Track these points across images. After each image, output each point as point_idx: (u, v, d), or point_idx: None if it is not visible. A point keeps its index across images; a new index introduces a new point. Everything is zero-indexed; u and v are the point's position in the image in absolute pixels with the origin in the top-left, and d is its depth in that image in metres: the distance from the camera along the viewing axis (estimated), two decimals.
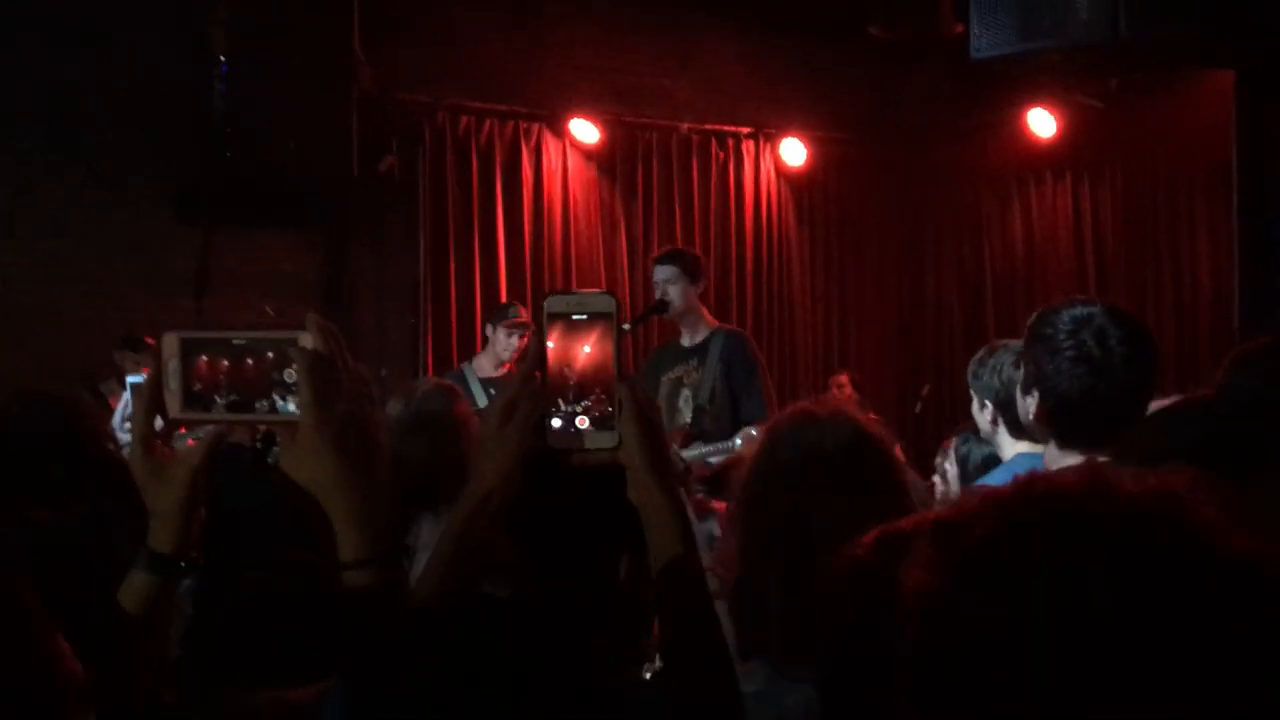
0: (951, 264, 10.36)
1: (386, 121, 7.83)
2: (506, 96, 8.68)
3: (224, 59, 6.57)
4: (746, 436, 5.20)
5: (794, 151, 9.58)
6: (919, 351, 10.25)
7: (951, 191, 10.17)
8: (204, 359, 1.38)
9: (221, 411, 1.38)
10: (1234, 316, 7.03)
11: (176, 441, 1.41)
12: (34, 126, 7.26)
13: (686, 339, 5.84)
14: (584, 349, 1.40)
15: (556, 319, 1.41)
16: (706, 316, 5.91)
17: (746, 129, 9.53)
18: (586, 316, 1.40)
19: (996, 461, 3.26)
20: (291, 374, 1.35)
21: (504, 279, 8.52)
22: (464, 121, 8.58)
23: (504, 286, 8.44)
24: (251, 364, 1.37)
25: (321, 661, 1.34)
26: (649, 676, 1.43)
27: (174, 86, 6.79)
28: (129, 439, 1.42)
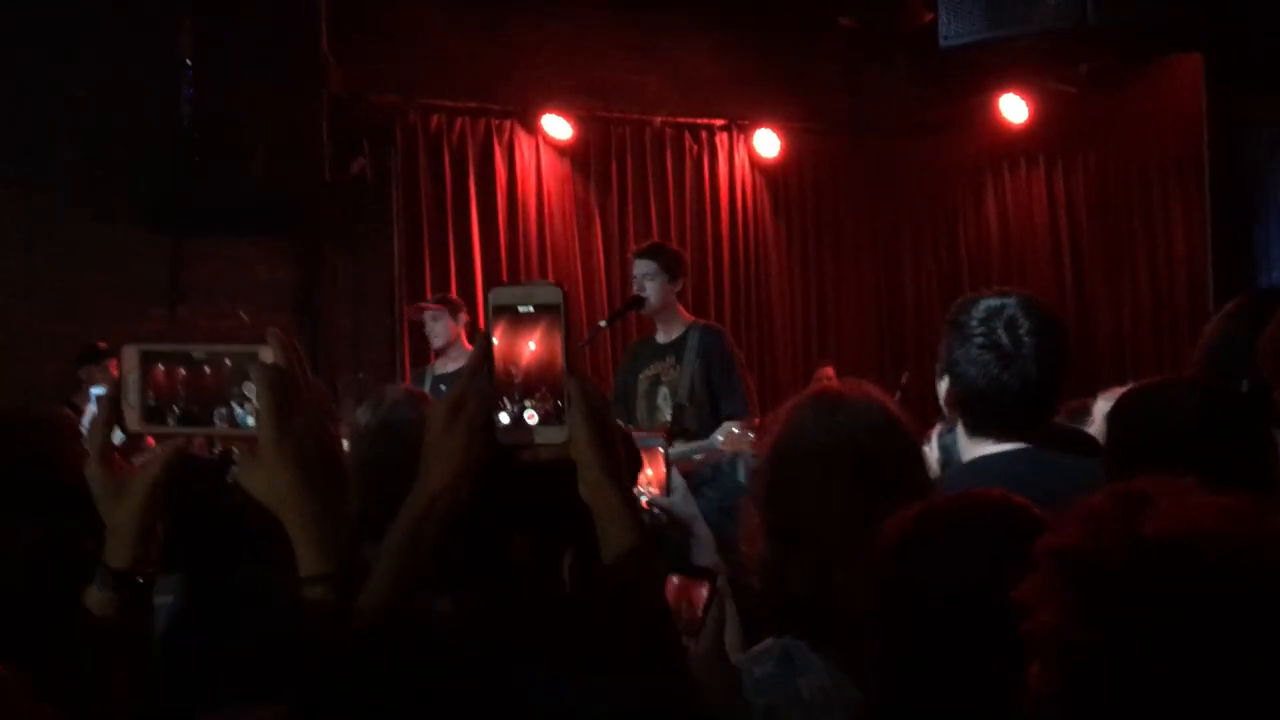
0: (928, 251, 10.38)
1: (357, 123, 7.80)
2: (478, 95, 8.65)
3: (191, 64, 6.51)
4: (728, 432, 5.19)
5: (768, 143, 9.57)
6: (898, 339, 10.26)
7: (926, 179, 10.18)
8: (161, 370, 1.36)
9: (179, 424, 1.37)
10: (1209, 300, 7.06)
11: (148, 454, 1.40)
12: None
13: (662, 335, 5.81)
14: (530, 343, 1.36)
15: (502, 312, 1.36)
16: (682, 312, 5.88)
17: (719, 121, 9.52)
18: (533, 309, 1.36)
19: None
20: (250, 387, 1.34)
21: (479, 278, 8.48)
22: (435, 121, 8.56)
23: (480, 285, 8.39)
24: (210, 376, 1.36)
25: (281, 679, 1.32)
26: (598, 673, 1.40)
27: (141, 94, 6.72)
28: None
